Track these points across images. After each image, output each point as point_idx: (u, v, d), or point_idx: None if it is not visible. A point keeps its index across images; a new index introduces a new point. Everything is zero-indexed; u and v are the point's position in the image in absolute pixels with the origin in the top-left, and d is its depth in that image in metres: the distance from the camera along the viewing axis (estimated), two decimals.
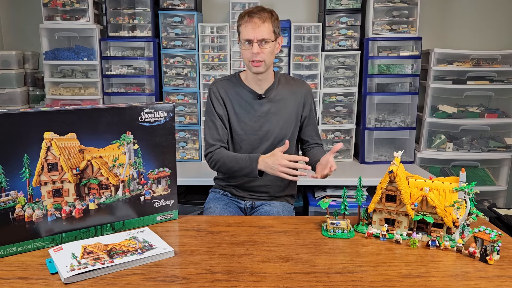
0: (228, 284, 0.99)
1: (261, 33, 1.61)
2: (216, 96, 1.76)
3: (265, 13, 1.63)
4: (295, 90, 1.78)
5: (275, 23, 1.66)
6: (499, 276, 1.04)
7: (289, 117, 1.77)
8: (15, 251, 1.14)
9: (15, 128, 1.10)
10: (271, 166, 1.53)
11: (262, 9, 1.64)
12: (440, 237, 1.21)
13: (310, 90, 1.83)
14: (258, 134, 1.74)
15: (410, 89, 2.76)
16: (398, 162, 1.26)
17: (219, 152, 1.70)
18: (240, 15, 1.67)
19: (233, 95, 1.76)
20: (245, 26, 1.63)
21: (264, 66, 1.66)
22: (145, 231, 1.27)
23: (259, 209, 1.78)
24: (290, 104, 1.77)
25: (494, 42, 2.97)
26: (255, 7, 1.67)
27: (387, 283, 1.00)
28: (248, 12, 1.64)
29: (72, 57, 2.71)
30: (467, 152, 2.82)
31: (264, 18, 1.62)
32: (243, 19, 1.64)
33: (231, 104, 1.76)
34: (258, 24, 1.61)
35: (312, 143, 1.84)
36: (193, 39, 2.73)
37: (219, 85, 1.78)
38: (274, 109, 1.75)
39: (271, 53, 1.66)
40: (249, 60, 1.65)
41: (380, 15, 2.71)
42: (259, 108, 1.75)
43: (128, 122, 1.27)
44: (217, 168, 1.72)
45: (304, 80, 1.91)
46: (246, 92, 1.75)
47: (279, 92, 1.76)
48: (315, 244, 1.22)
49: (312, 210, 2.49)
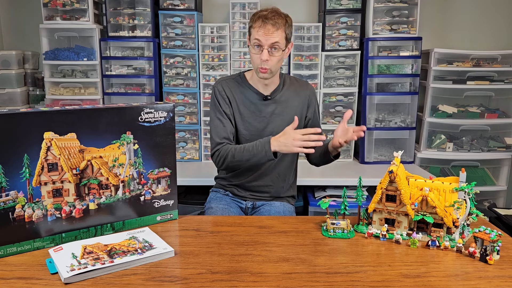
0: (228, 284, 0.99)
1: (273, 40, 1.57)
2: (221, 94, 1.74)
3: (280, 19, 1.58)
4: (299, 92, 1.78)
5: (288, 30, 1.62)
6: (499, 276, 1.04)
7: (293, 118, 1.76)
8: (15, 251, 1.14)
9: (15, 128, 1.10)
10: (285, 143, 1.52)
11: (276, 14, 1.58)
12: (440, 237, 1.21)
13: (314, 91, 1.83)
14: (262, 134, 1.73)
15: (410, 89, 2.76)
16: (398, 162, 1.26)
17: (226, 148, 1.66)
18: (253, 15, 1.62)
19: (238, 95, 1.74)
20: (257, 30, 1.58)
21: (270, 73, 1.65)
22: (145, 231, 1.27)
23: (260, 209, 1.78)
24: (294, 105, 1.76)
25: (494, 42, 2.97)
26: (270, 10, 1.60)
27: (387, 283, 1.00)
28: (263, 16, 1.57)
29: (72, 57, 2.71)
30: (467, 152, 2.82)
31: (278, 25, 1.57)
32: (257, 22, 1.59)
33: (236, 104, 1.74)
34: (272, 31, 1.56)
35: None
36: (193, 39, 2.73)
37: (224, 84, 1.76)
38: (279, 110, 1.75)
39: (279, 60, 1.63)
40: (257, 65, 1.63)
41: (380, 15, 2.71)
42: (264, 109, 1.74)
43: (128, 122, 1.27)
44: (226, 164, 1.65)
45: (308, 81, 1.90)
46: (251, 93, 1.74)
47: (284, 93, 1.76)
48: (315, 244, 1.22)
49: (312, 210, 2.49)
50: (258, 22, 1.59)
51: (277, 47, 1.59)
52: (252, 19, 1.62)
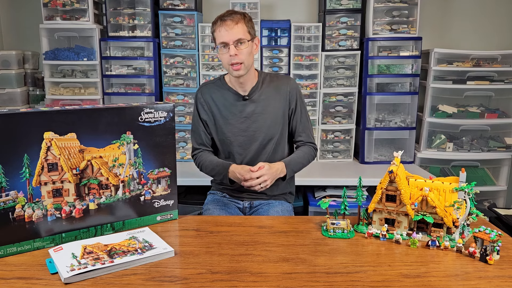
0: (228, 284, 0.99)
1: (236, 34, 1.59)
2: (200, 102, 1.79)
3: (237, 15, 1.62)
4: (279, 88, 1.76)
5: (249, 24, 1.64)
6: (499, 276, 1.04)
7: (276, 116, 1.75)
8: (15, 251, 1.14)
9: (15, 128, 1.10)
10: (237, 178, 1.65)
11: (233, 12, 1.63)
12: (440, 237, 1.21)
13: (295, 86, 1.79)
14: (246, 135, 1.74)
15: (410, 89, 2.77)
16: (398, 162, 1.26)
17: (201, 156, 1.80)
18: (213, 22, 1.66)
19: (219, 98, 1.76)
20: (219, 30, 1.61)
21: (244, 68, 1.64)
22: (145, 231, 1.27)
23: (258, 209, 1.78)
24: (275, 103, 1.75)
25: (494, 42, 2.97)
26: (226, 11, 1.65)
27: (387, 283, 1.00)
28: (220, 17, 1.62)
29: (72, 57, 2.71)
30: (467, 152, 2.82)
31: (236, 19, 1.60)
32: (216, 24, 1.62)
33: (217, 107, 1.76)
34: (231, 26, 1.59)
35: (298, 140, 1.81)
36: (193, 39, 2.73)
37: (205, 90, 1.79)
38: (260, 109, 1.74)
39: (249, 53, 1.64)
40: (228, 64, 1.63)
41: (380, 15, 2.71)
42: (244, 109, 1.74)
43: (128, 122, 1.27)
44: (200, 170, 1.82)
45: (290, 77, 1.88)
46: (230, 94, 1.75)
47: (263, 92, 1.75)
48: (315, 244, 1.22)
49: (312, 210, 2.49)
50: (217, 23, 1.62)
51: (242, 41, 1.61)
52: (212, 24, 1.66)
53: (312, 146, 1.81)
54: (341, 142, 2.85)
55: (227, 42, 1.60)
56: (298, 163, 1.76)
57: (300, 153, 1.78)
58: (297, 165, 1.76)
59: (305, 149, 1.79)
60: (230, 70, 1.66)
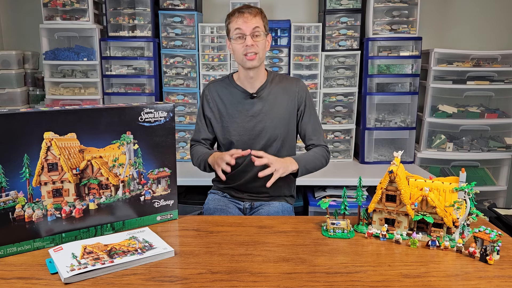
0: (228, 284, 0.99)
1: (253, 25, 1.62)
2: (207, 98, 1.79)
3: (254, 8, 1.66)
4: (288, 89, 1.76)
5: (264, 20, 1.68)
6: (499, 276, 1.04)
7: (283, 116, 1.74)
8: (15, 251, 1.14)
9: (15, 128, 1.10)
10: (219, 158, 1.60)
11: (250, 6, 1.67)
12: (440, 237, 1.21)
13: (304, 87, 1.78)
14: (252, 134, 1.74)
15: (410, 89, 2.76)
16: (398, 162, 1.26)
17: (194, 149, 1.81)
18: (228, 14, 1.68)
19: (226, 95, 1.76)
20: (235, 21, 1.63)
21: (258, 60, 1.66)
22: (145, 231, 1.27)
23: (258, 210, 1.77)
24: (283, 103, 1.75)
25: (494, 42, 2.97)
26: (244, 5, 1.69)
27: (387, 283, 1.00)
28: (238, 9, 1.65)
29: (72, 57, 2.71)
30: (467, 152, 2.82)
31: (254, 13, 1.64)
32: (233, 15, 1.65)
33: (224, 105, 1.76)
34: (250, 18, 1.62)
35: (309, 144, 1.78)
36: (193, 39, 2.73)
37: (212, 87, 1.80)
38: (267, 108, 1.73)
39: (263, 47, 1.67)
40: (243, 54, 1.64)
41: (380, 15, 2.71)
42: (251, 107, 1.74)
43: (128, 122, 1.27)
44: (192, 163, 1.82)
45: (299, 79, 1.87)
46: (238, 92, 1.75)
47: (272, 91, 1.75)
48: (315, 244, 1.22)
49: (312, 210, 2.49)
50: (234, 15, 1.65)
51: (258, 33, 1.63)
52: (228, 17, 1.68)
53: (324, 148, 1.76)
54: (341, 142, 2.85)
55: (244, 32, 1.62)
56: (309, 161, 1.69)
57: (310, 152, 1.74)
58: (309, 163, 1.68)
59: (316, 149, 1.75)
60: (243, 61, 1.66)
